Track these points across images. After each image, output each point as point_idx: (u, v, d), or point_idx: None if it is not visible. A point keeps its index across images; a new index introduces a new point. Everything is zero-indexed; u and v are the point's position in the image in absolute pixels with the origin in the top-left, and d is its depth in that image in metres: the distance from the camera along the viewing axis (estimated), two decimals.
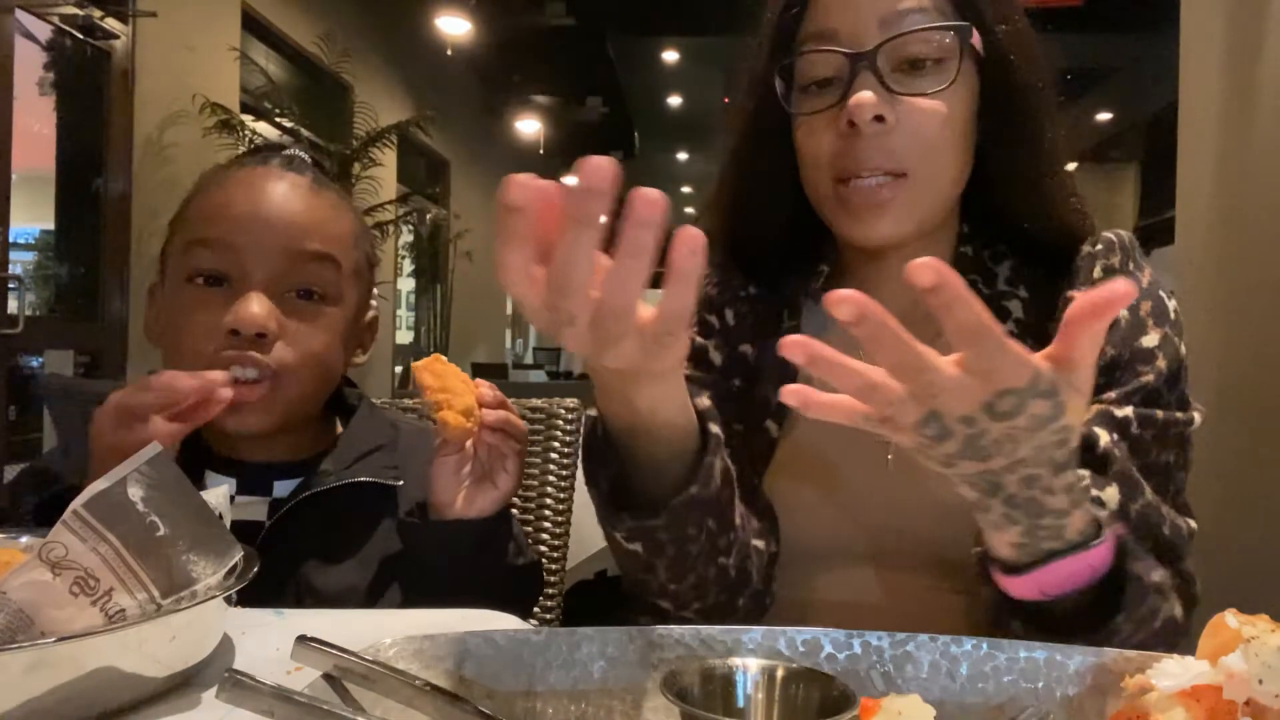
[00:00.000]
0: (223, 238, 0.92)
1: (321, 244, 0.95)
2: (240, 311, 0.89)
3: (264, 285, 0.92)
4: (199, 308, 0.91)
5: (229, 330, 0.89)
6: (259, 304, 0.90)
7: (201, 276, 0.92)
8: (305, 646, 0.49)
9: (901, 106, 0.82)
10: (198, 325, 0.91)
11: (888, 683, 0.55)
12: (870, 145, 0.82)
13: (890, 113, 0.81)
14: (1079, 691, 0.53)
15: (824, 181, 0.86)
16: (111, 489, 0.56)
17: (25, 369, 3.94)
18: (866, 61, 0.82)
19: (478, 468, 0.90)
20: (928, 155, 0.83)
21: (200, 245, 0.93)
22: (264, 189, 0.95)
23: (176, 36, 4.60)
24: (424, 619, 0.69)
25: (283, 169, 0.98)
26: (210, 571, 0.59)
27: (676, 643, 0.56)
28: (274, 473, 0.98)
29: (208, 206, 0.95)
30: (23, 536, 0.71)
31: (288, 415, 0.95)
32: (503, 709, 0.53)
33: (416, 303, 9.01)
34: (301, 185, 0.97)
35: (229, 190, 0.95)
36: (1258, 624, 0.46)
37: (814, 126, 0.86)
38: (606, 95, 10.48)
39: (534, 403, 1.34)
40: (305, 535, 0.93)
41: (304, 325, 0.93)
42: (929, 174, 0.84)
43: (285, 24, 5.91)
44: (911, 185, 0.83)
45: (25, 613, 0.53)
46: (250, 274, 0.92)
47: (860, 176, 0.83)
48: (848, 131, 0.82)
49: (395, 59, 7.63)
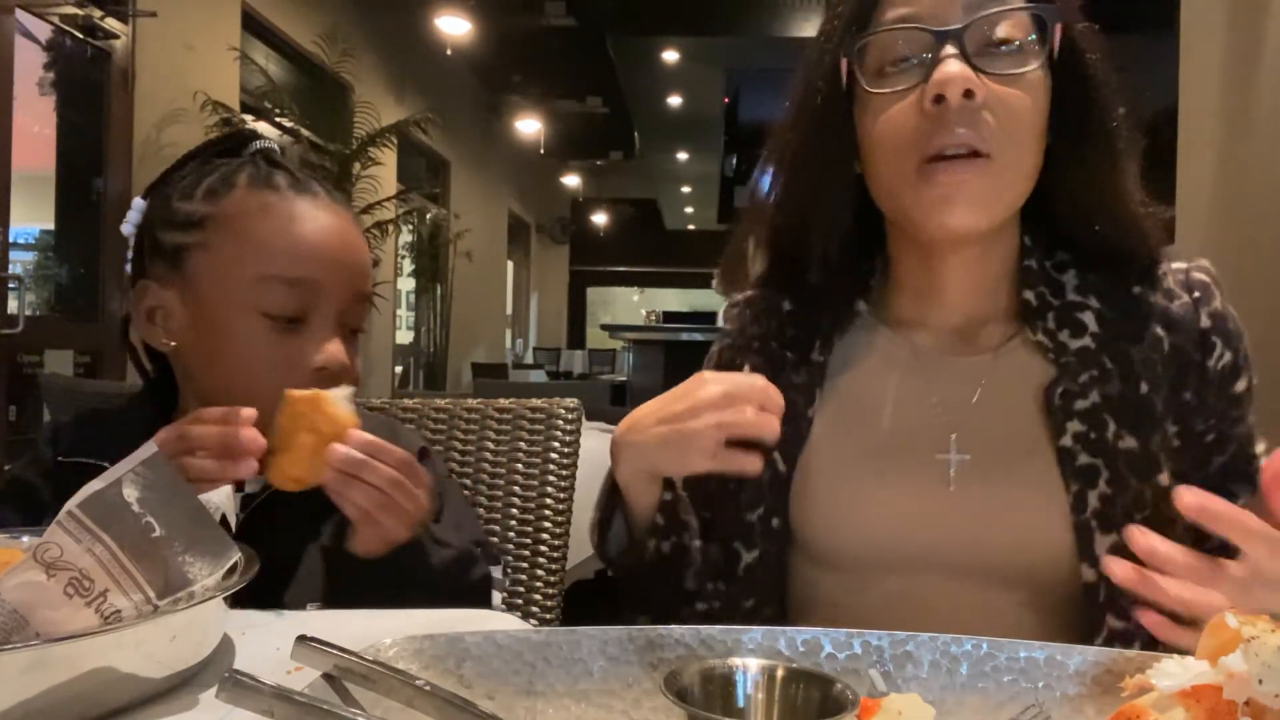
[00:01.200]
0: (305, 276, 0.92)
1: (369, 284, 1.00)
2: (332, 354, 0.92)
3: (337, 325, 0.94)
4: (276, 345, 0.92)
5: (316, 369, 0.91)
6: (339, 347, 0.94)
7: (282, 315, 0.92)
8: (305, 646, 0.49)
9: (987, 88, 0.81)
10: (279, 361, 0.91)
11: (888, 682, 0.55)
12: (960, 119, 0.80)
13: (979, 89, 0.80)
14: (1079, 691, 0.53)
15: (906, 163, 0.84)
16: (107, 490, 0.56)
17: (25, 369, 3.94)
18: (954, 38, 0.81)
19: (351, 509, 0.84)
20: (1011, 140, 0.82)
21: (279, 282, 0.91)
22: (333, 227, 0.96)
23: (176, 36, 4.60)
24: (424, 619, 0.69)
25: (329, 200, 0.98)
26: (206, 572, 0.59)
27: (676, 643, 0.56)
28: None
29: (281, 239, 0.93)
30: (24, 536, 0.71)
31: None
32: (503, 709, 0.53)
33: (416, 303, 9.01)
34: (352, 222, 1.00)
35: (301, 226, 0.94)
36: (1258, 624, 0.46)
37: (891, 109, 0.84)
38: (606, 95, 10.47)
39: (534, 403, 1.34)
40: (276, 530, 0.92)
41: (351, 357, 0.96)
42: (1011, 160, 0.82)
43: (285, 24, 5.91)
44: (994, 170, 0.81)
45: (19, 614, 0.52)
46: (326, 314, 0.94)
47: (944, 156, 0.81)
48: (933, 110, 0.81)
49: (395, 59, 7.63)
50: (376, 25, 7.13)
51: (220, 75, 5.04)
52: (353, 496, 0.81)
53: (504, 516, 1.29)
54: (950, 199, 0.82)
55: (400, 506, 0.83)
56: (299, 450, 0.81)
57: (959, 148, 0.81)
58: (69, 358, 4.24)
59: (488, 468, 1.31)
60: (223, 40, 5.10)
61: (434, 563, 0.90)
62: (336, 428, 0.81)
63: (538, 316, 15.65)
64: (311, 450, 0.80)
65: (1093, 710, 0.53)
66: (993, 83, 0.81)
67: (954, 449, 0.86)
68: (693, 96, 10.71)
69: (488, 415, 1.33)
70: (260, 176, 0.97)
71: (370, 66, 6.95)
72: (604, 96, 10.49)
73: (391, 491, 0.82)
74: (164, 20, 4.33)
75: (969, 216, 0.83)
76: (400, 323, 8.75)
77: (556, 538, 1.30)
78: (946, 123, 0.80)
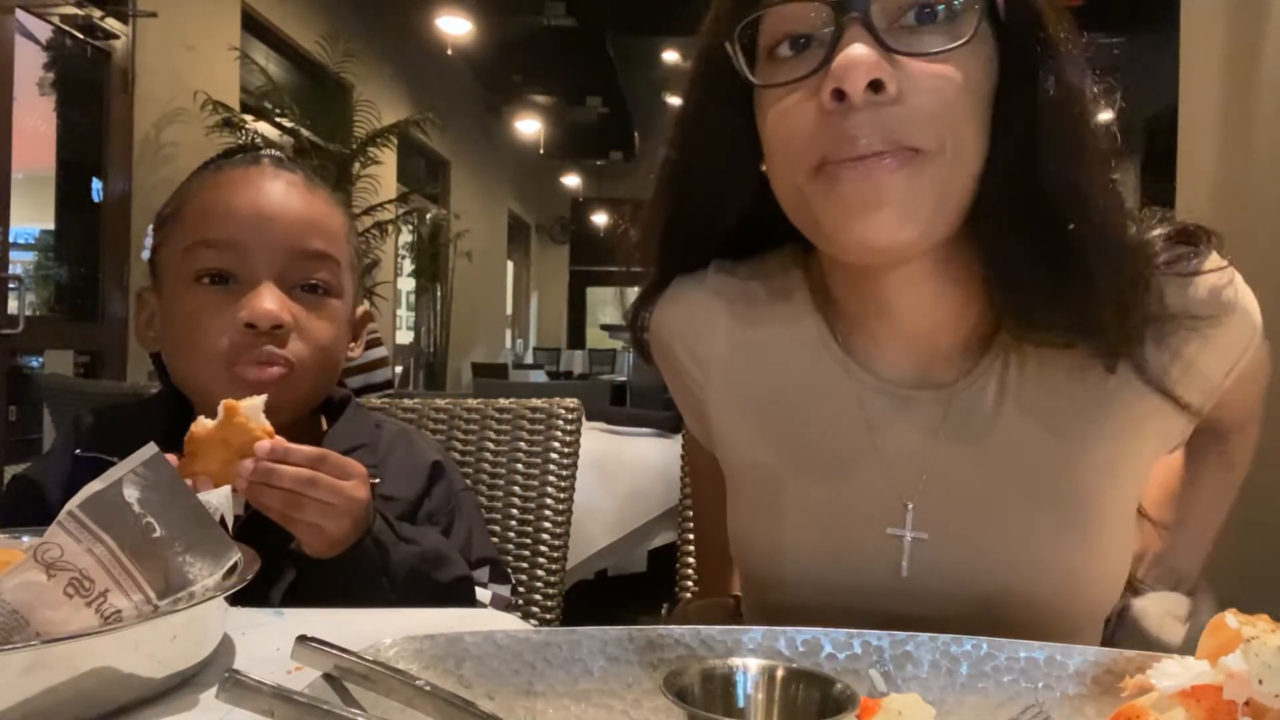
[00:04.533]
0: (229, 237, 0.93)
1: (322, 240, 0.97)
2: (255, 305, 0.90)
3: (273, 283, 0.93)
4: (209, 307, 0.92)
5: (244, 324, 0.90)
6: (272, 297, 0.92)
7: (208, 276, 0.93)
8: (305, 646, 0.49)
9: (904, 71, 0.63)
10: (211, 324, 0.91)
11: (888, 682, 0.55)
12: (867, 121, 0.63)
13: (890, 79, 0.62)
14: (1079, 691, 0.53)
15: (799, 173, 0.67)
16: (107, 490, 0.56)
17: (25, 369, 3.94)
18: (857, 11, 0.63)
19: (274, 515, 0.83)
20: (942, 132, 0.64)
21: (205, 246, 0.93)
22: (264, 188, 0.96)
23: (176, 36, 4.61)
24: (424, 619, 0.69)
25: (275, 168, 0.99)
26: (207, 573, 0.59)
27: (676, 643, 0.56)
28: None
29: (209, 207, 0.95)
30: (24, 536, 0.71)
31: (298, 409, 0.96)
32: (503, 709, 0.53)
33: (416, 303, 9.01)
34: (298, 183, 0.99)
35: (229, 190, 0.96)
36: (1258, 624, 0.46)
37: (786, 104, 0.67)
38: (606, 95, 10.47)
39: (534, 403, 1.34)
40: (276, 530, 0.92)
41: (312, 318, 0.95)
42: (944, 156, 0.64)
43: (285, 24, 5.91)
44: (921, 167, 0.64)
45: (20, 614, 0.52)
46: (257, 271, 0.93)
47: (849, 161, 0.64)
48: (833, 107, 0.63)
49: (396, 59, 7.62)
50: (377, 25, 7.13)
51: (220, 75, 5.04)
52: (267, 502, 0.81)
53: (504, 516, 1.29)
54: (858, 213, 0.65)
55: (321, 502, 0.82)
56: (209, 459, 0.80)
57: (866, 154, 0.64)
58: (69, 358, 4.24)
59: (488, 468, 1.31)
60: (223, 40, 5.10)
61: (394, 559, 0.88)
62: (247, 438, 0.80)
63: (538, 316, 15.64)
64: (222, 460, 0.80)
65: (1093, 710, 0.53)
66: (913, 63, 0.63)
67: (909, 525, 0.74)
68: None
69: (488, 415, 1.33)
70: (213, 165, 0.99)
71: (371, 66, 6.95)
72: (604, 96, 10.48)
73: (304, 490, 0.80)
74: (164, 20, 4.33)
75: (890, 229, 0.65)
76: (400, 323, 8.75)
77: (556, 538, 1.30)
78: (848, 127, 0.63)
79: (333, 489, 0.82)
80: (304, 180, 1.00)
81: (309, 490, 0.81)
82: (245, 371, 0.91)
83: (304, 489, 0.81)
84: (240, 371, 0.91)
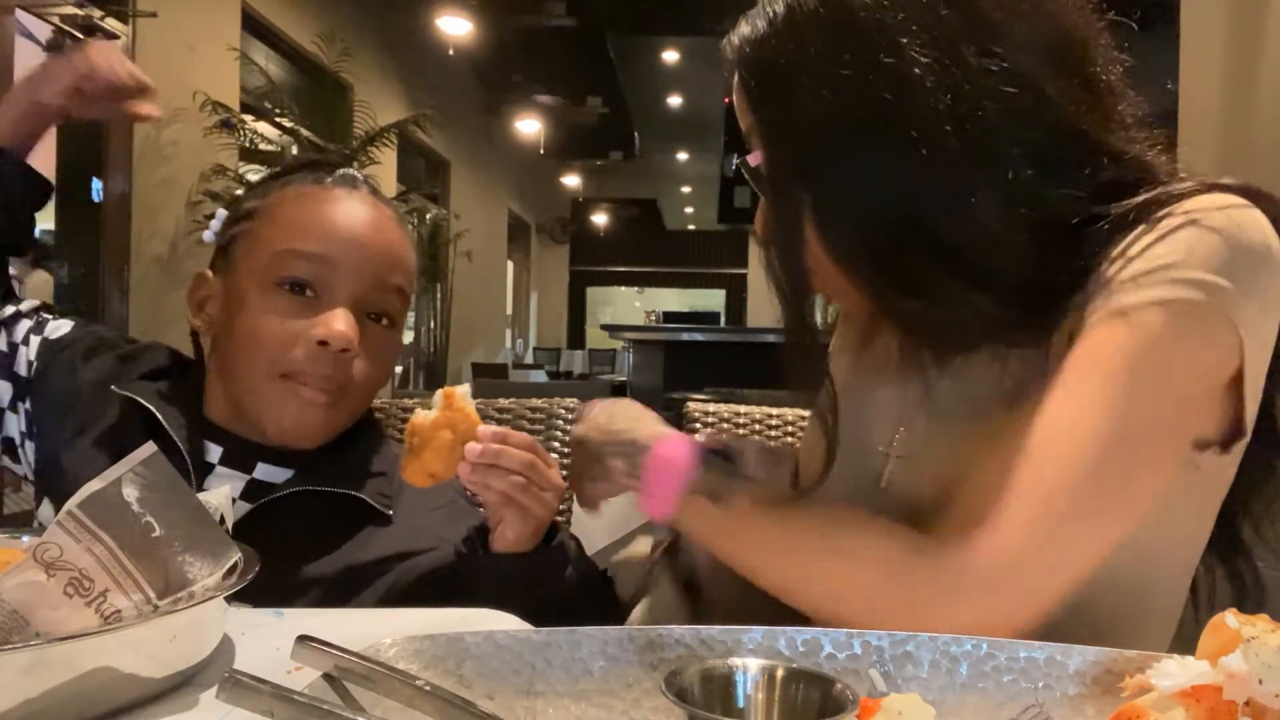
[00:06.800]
0: (323, 252, 0.95)
1: (401, 276, 1.01)
2: (333, 326, 0.93)
3: (349, 304, 0.95)
4: (284, 314, 0.94)
5: (317, 341, 0.92)
6: (347, 321, 0.94)
7: (290, 284, 0.95)
8: (305, 646, 0.49)
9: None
10: (281, 331, 0.93)
11: (888, 682, 0.55)
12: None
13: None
14: (1079, 691, 0.53)
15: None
16: (106, 489, 0.56)
17: None
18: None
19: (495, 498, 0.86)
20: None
21: (297, 255, 0.95)
22: (363, 215, 0.99)
23: (176, 36, 4.61)
24: (424, 619, 0.69)
25: (373, 196, 1.02)
26: (207, 572, 0.59)
27: (676, 643, 0.56)
28: (265, 454, 0.98)
29: (308, 218, 0.97)
30: (24, 536, 0.71)
31: (339, 430, 0.99)
32: (503, 709, 0.53)
33: (417, 303, 8.99)
34: (392, 218, 1.03)
35: (331, 207, 0.98)
36: (1258, 624, 0.46)
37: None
38: (606, 95, 10.47)
39: (534, 403, 1.34)
40: (284, 526, 0.93)
41: (373, 347, 0.98)
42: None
43: (285, 24, 5.91)
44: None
45: (19, 614, 0.52)
46: (339, 291, 0.95)
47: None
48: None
49: (395, 59, 7.63)
50: (376, 25, 7.14)
51: (220, 75, 5.04)
52: (494, 484, 0.83)
53: None
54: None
55: (538, 487, 0.85)
56: (438, 447, 0.83)
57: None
58: None
59: None
60: (223, 40, 5.10)
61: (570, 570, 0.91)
62: (469, 423, 0.83)
63: (538, 316, 15.65)
64: (449, 447, 0.82)
65: (1093, 710, 0.53)
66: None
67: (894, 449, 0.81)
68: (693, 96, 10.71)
69: (487, 415, 1.33)
70: (312, 177, 1.02)
71: (370, 66, 6.95)
72: (604, 96, 10.49)
73: (528, 474, 0.84)
74: (164, 20, 4.33)
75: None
76: None
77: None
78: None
79: (546, 475, 0.86)
80: (395, 215, 1.04)
81: (530, 473, 0.84)
82: (301, 389, 0.93)
83: (528, 472, 0.84)
84: (296, 386, 0.93)
